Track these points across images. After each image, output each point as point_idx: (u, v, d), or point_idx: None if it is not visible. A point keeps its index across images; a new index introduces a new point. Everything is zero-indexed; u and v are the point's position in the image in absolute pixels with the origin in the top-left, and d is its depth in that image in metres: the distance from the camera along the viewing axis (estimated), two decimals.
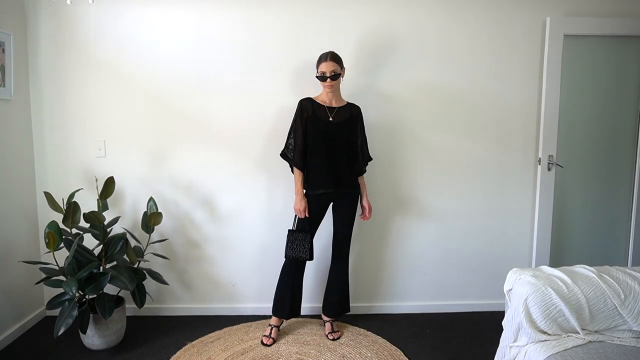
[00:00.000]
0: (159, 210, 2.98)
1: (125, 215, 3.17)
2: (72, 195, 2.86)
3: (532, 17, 3.10)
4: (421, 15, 3.07)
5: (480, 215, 3.26)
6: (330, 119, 2.75)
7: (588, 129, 3.21)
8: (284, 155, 2.81)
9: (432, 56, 3.11)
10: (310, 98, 2.80)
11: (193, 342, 2.83)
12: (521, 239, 3.30)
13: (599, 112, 3.19)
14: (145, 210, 3.00)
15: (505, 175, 3.24)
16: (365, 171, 2.94)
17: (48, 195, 2.80)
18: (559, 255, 3.28)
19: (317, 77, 2.72)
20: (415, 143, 3.18)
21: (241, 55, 3.08)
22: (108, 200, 2.95)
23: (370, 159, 2.94)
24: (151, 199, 2.98)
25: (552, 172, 3.16)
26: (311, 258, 2.76)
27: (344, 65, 2.79)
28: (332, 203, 2.87)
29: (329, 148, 2.73)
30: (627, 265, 3.20)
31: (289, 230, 2.81)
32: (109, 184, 2.86)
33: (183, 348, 2.76)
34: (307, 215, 2.76)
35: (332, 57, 2.70)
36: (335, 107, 2.79)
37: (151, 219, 2.91)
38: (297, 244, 2.75)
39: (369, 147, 2.93)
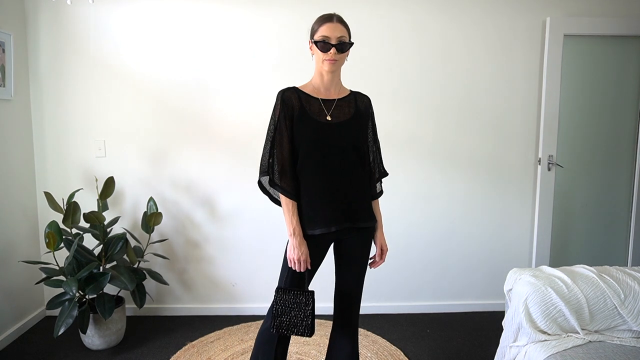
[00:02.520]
0: (159, 210, 2.99)
1: (125, 215, 3.17)
2: (72, 195, 2.86)
3: (532, 17, 3.10)
4: (421, 16, 3.07)
5: (480, 215, 3.26)
6: (328, 117, 1.83)
7: (588, 129, 3.21)
8: (261, 185, 1.97)
9: (431, 56, 3.11)
10: (294, 88, 1.90)
11: (193, 342, 2.83)
12: (521, 239, 3.30)
13: (599, 112, 3.19)
14: (145, 210, 3.00)
15: (505, 175, 3.24)
16: (381, 193, 2.02)
17: (48, 195, 2.80)
18: (559, 255, 3.28)
19: (315, 42, 1.80)
20: (414, 143, 3.17)
21: (242, 55, 3.08)
22: (108, 200, 2.95)
23: (386, 173, 2.04)
24: (151, 199, 2.98)
25: (552, 172, 3.16)
26: (312, 332, 1.81)
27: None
28: (333, 243, 1.95)
29: (329, 162, 1.82)
30: (627, 265, 3.20)
31: (278, 289, 1.83)
32: (109, 184, 2.87)
33: (183, 348, 2.77)
34: (308, 268, 1.83)
35: (339, 19, 1.81)
36: (334, 100, 1.88)
37: (151, 219, 2.91)
38: (292, 310, 1.79)
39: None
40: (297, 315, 1.80)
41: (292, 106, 1.84)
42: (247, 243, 3.22)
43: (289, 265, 1.83)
